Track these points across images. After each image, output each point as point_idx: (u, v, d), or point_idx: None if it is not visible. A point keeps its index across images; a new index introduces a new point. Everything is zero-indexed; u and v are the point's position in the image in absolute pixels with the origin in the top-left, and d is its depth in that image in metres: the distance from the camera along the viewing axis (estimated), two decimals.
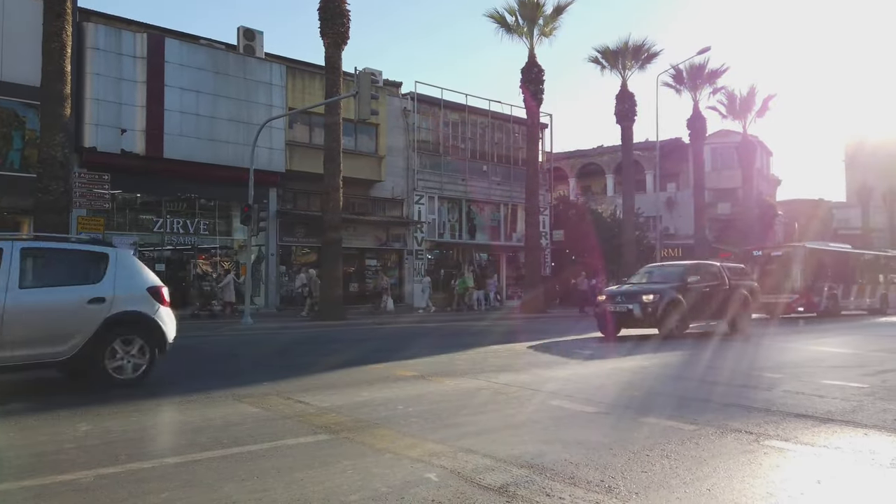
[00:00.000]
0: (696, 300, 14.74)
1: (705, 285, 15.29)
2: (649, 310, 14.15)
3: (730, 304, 15.28)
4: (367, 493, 3.84)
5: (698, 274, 15.51)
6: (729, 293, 15.48)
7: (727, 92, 39.54)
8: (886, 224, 55.05)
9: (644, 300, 14.32)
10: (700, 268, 16.20)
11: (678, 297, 14.48)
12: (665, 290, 14.52)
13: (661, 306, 14.16)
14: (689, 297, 14.58)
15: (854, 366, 10.30)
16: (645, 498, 3.83)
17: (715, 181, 44.26)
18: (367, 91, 17.55)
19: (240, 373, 8.59)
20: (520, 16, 27.45)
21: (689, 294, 14.71)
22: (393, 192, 28.43)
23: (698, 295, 14.91)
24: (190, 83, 21.97)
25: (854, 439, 5.33)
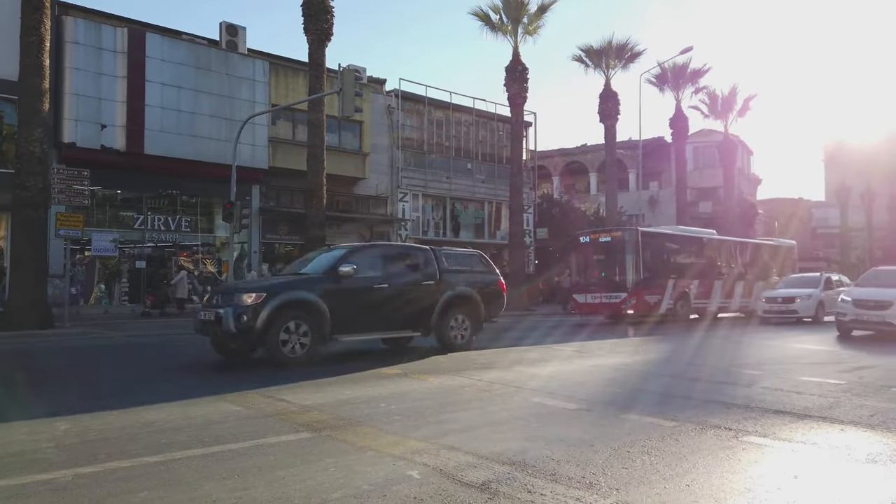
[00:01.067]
0: (356, 303, 9.92)
1: (381, 281, 10.27)
2: (243, 321, 8.87)
3: (431, 309, 10.81)
4: (349, 490, 3.84)
5: (366, 261, 10.26)
6: (434, 292, 10.89)
7: (709, 92, 39.94)
8: (864, 223, 55.86)
9: (240, 303, 9.02)
10: (386, 254, 10.91)
11: (305, 300, 9.40)
12: (274, 289, 9.33)
13: (262, 317, 8.89)
14: (340, 300, 9.65)
15: (831, 362, 10.46)
16: (625, 494, 3.86)
17: (697, 180, 44.69)
18: (350, 88, 17.48)
19: (221, 371, 8.53)
20: (504, 14, 27.48)
21: (340, 295, 9.70)
22: (377, 189, 28.37)
23: (363, 295, 10.01)
24: (171, 79, 21.74)
25: (831, 435, 5.42)
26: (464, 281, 11.40)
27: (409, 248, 11.93)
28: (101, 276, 21.85)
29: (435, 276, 10.99)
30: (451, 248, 13.08)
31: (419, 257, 11.11)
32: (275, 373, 8.60)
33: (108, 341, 13.66)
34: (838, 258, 53.59)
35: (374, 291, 10.09)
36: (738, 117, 41.06)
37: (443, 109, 31.44)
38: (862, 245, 56.26)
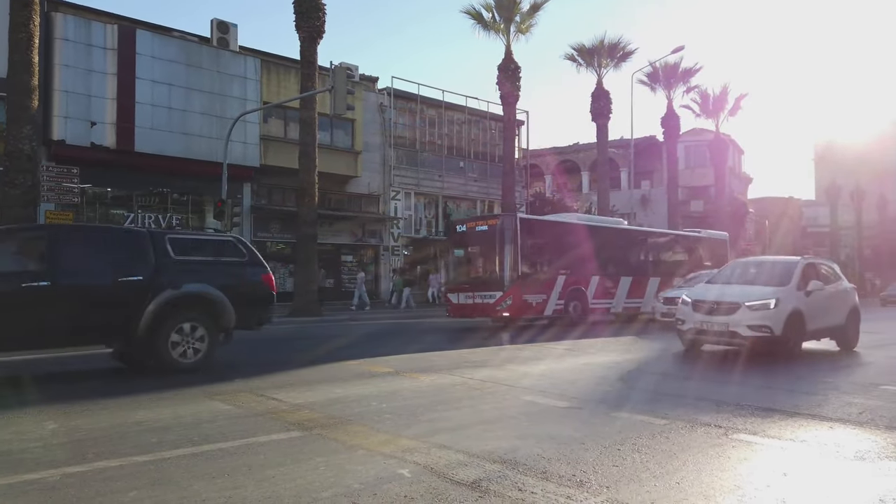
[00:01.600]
0: None
1: (39, 277, 7.44)
2: None
3: (137, 315, 7.93)
4: (339, 489, 3.83)
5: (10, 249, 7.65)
6: (143, 291, 8.04)
7: (700, 91, 40.06)
8: (854, 222, 56.25)
9: None
10: (58, 238, 7.99)
11: None
12: None
13: None
14: None
15: (820, 360, 10.52)
16: (616, 492, 3.87)
17: (688, 179, 44.85)
18: (342, 86, 17.43)
19: (211, 370, 8.49)
20: (496, 12, 27.47)
21: None
22: (369, 187, 28.32)
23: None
24: (162, 76, 21.62)
25: (820, 433, 5.45)
26: (203, 276, 8.50)
27: (105, 231, 9.36)
28: None
29: (148, 269, 8.07)
30: (192, 233, 11.02)
31: (122, 244, 8.28)
32: (267, 372, 8.57)
33: None
34: (828, 257, 53.94)
35: (21, 293, 7.30)
36: (730, 116, 41.24)
37: (435, 108, 31.42)
38: (851, 244, 56.67)
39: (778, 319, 9.88)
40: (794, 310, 10.16)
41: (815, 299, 10.68)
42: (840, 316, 11.48)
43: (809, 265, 11.32)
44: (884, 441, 5.18)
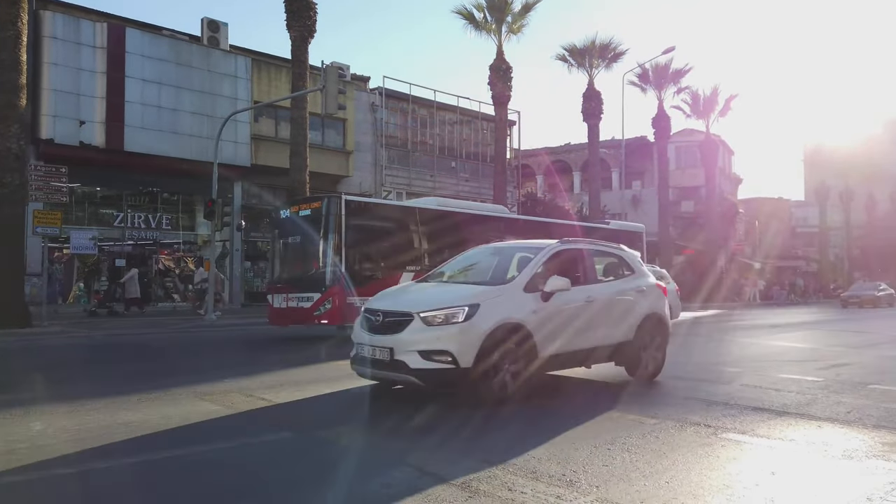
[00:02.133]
0: None
1: None
2: None
3: None
4: (330, 488, 3.81)
5: None
6: None
7: (691, 91, 40.26)
8: (843, 223, 56.68)
9: None
10: None
11: None
12: None
13: None
14: None
15: (810, 360, 10.59)
16: (605, 491, 3.87)
17: (679, 179, 45.04)
18: (333, 85, 17.39)
19: (202, 370, 8.44)
20: (488, 13, 27.50)
21: None
22: (361, 187, 28.26)
23: None
24: (152, 75, 21.50)
25: (808, 432, 5.47)
26: None
27: None
28: (80, 275, 21.55)
29: None
30: None
31: None
32: (256, 373, 8.53)
33: (87, 340, 13.48)
34: (817, 257, 54.33)
35: None
36: (720, 117, 41.48)
37: (427, 107, 31.41)
38: (840, 244, 57.09)
39: (466, 342, 5.99)
40: (505, 324, 6.23)
41: (560, 306, 6.74)
42: (622, 328, 7.52)
43: (565, 252, 7.42)
44: (871, 440, 5.21)
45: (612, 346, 7.48)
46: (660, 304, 8.20)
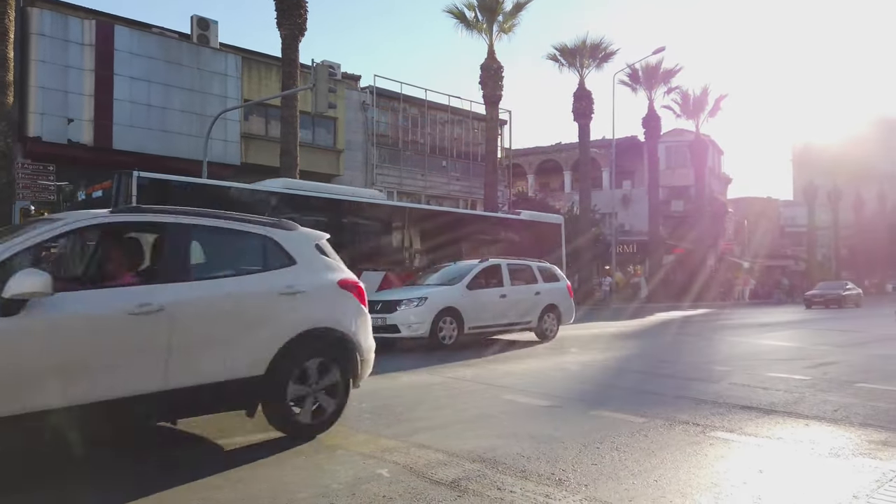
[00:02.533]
0: None
1: None
2: None
3: None
4: (317, 489, 3.80)
5: None
6: None
7: (681, 91, 40.41)
8: (831, 222, 57.11)
9: None
10: None
11: None
12: None
13: None
14: None
15: (798, 358, 10.66)
16: (594, 490, 3.88)
17: (669, 179, 45.20)
18: (324, 84, 17.33)
19: None
20: (479, 12, 27.48)
21: None
22: (351, 186, 28.20)
23: None
24: (141, 72, 21.34)
25: (796, 430, 5.51)
26: None
27: None
28: None
29: None
30: None
31: None
32: None
33: None
34: (805, 256, 54.72)
35: None
36: (710, 117, 41.69)
37: (418, 106, 31.37)
38: (828, 244, 57.53)
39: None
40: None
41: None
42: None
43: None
44: (858, 438, 5.25)
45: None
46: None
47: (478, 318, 11.66)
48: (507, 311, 12.17)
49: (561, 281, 13.56)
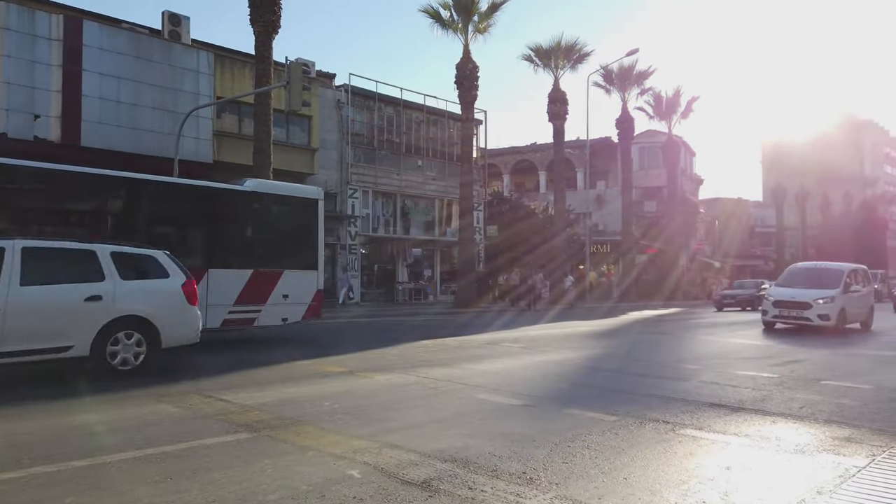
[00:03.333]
0: None
1: None
2: None
3: None
4: (286, 492, 3.76)
5: None
6: None
7: (654, 93, 40.92)
8: (799, 223, 58.26)
9: None
10: None
11: None
12: None
13: None
14: None
15: (766, 357, 10.85)
16: (564, 488, 3.91)
17: (642, 179, 45.74)
18: (298, 81, 17.18)
19: (157, 371, 8.26)
20: (454, 11, 27.47)
21: None
22: (326, 185, 27.99)
23: None
24: (110, 68, 20.94)
25: (762, 427, 5.61)
26: None
27: None
28: None
29: None
30: None
31: None
32: (217, 373, 8.38)
33: None
34: (774, 256, 55.75)
35: None
36: (682, 119, 42.27)
37: (393, 106, 31.28)
38: (796, 244, 58.65)
39: None
40: None
41: None
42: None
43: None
44: (822, 434, 5.36)
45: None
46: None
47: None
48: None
49: (172, 277, 8.60)
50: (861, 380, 8.25)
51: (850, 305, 16.07)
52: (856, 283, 16.78)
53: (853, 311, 16.26)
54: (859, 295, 16.79)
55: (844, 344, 13.22)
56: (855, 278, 16.86)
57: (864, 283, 17.56)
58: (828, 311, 15.35)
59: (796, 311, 15.67)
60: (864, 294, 17.30)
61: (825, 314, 15.32)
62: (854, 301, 16.34)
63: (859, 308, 16.67)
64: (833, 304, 15.41)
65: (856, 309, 16.42)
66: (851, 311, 16.15)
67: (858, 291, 16.82)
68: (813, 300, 15.50)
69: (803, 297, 15.70)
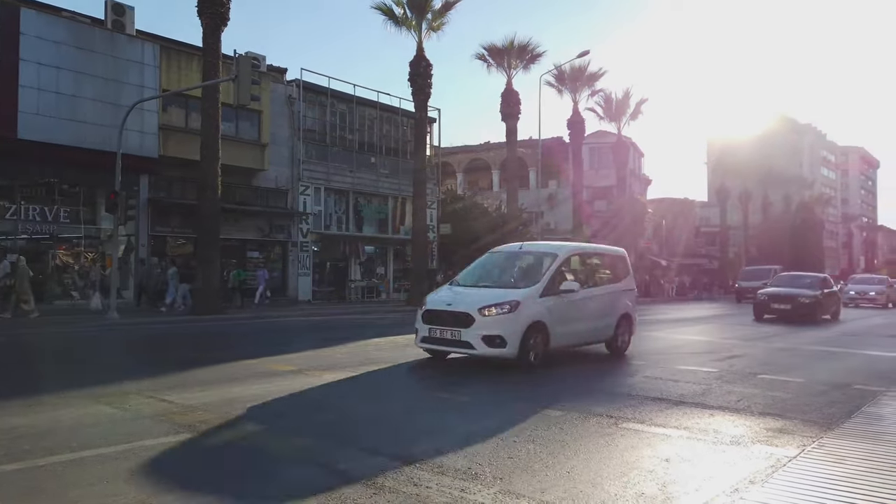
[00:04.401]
0: None
1: None
2: None
3: None
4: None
5: None
6: None
7: (604, 95, 41.56)
8: (741, 222, 60.20)
9: None
10: None
11: None
12: None
13: None
14: None
15: (707, 352, 11.19)
16: (508, 483, 3.95)
17: (593, 179, 46.52)
18: (247, 75, 16.85)
19: (99, 371, 8.00)
20: (408, 8, 27.35)
21: None
22: (277, 181, 27.57)
23: None
24: (49, 59, 20.11)
25: (701, 420, 5.79)
26: None
27: None
28: None
29: None
30: None
31: None
32: (160, 373, 8.16)
33: None
34: (718, 255, 57.50)
35: None
36: (631, 120, 43.06)
37: (346, 102, 30.98)
38: (739, 243, 60.61)
39: None
40: None
41: None
42: None
43: None
44: (757, 426, 5.57)
45: None
46: None
47: None
48: None
49: None
50: (795, 374, 8.59)
51: None
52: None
53: None
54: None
55: (782, 339, 13.73)
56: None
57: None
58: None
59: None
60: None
61: None
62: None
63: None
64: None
65: None
66: None
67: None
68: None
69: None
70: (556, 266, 9.14)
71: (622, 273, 11.00)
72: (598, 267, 10.78)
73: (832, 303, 20.75)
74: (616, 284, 10.63)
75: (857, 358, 10.91)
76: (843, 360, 10.67)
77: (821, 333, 15.63)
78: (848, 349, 12.17)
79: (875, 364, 10.07)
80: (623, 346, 10.45)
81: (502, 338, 8.09)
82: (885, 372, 9.00)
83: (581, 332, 9.59)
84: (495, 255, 10.42)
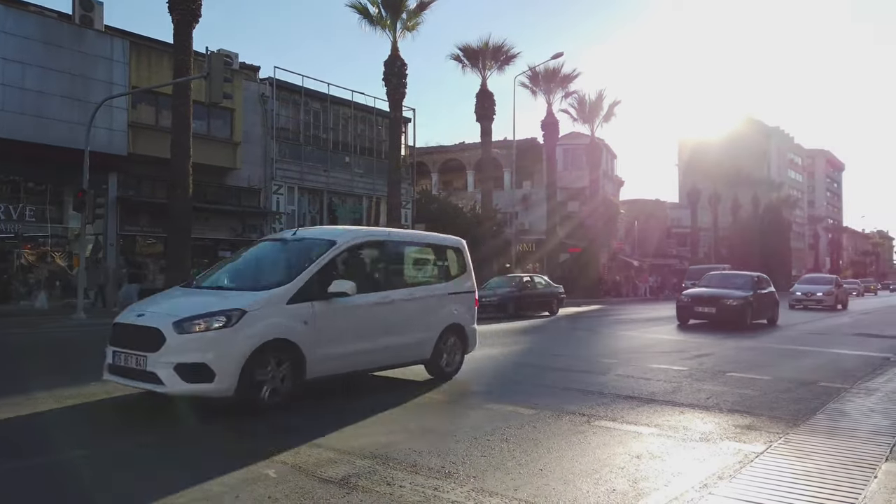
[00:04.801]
0: None
1: None
2: None
3: None
4: (198, 493, 3.66)
5: None
6: None
7: (578, 96, 41.89)
8: (711, 224, 61.20)
9: None
10: None
11: None
12: None
13: None
14: None
15: (677, 351, 11.36)
16: (482, 481, 3.97)
17: (566, 180, 46.83)
18: (219, 73, 16.64)
19: (60, 371, 7.84)
20: (383, 8, 27.30)
21: None
22: (249, 181, 27.28)
23: None
24: (14, 53, 19.65)
25: (672, 417, 5.87)
26: None
27: None
28: None
29: None
30: None
31: None
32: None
33: None
34: (689, 255, 58.38)
35: None
36: (604, 122, 43.46)
37: (320, 101, 30.77)
38: (709, 244, 61.60)
39: None
40: None
41: None
42: None
43: None
44: (726, 423, 5.67)
45: None
46: None
47: None
48: None
49: None
50: (762, 371, 8.76)
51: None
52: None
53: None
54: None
55: (750, 338, 13.98)
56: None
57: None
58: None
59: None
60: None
61: None
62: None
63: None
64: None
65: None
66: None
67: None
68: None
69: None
70: (326, 259, 6.47)
71: (455, 270, 8.34)
72: (415, 261, 8.21)
73: (768, 306, 18.33)
74: (439, 285, 8.01)
75: (823, 356, 11.16)
76: (810, 357, 10.91)
77: (787, 332, 15.89)
78: (816, 347, 12.44)
79: (840, 362, 10.31)
80: (450, 369, 7.80)
81: (207, 367, 5.40)
82: (850, 370, 9.22)
83: (370, 352, 6.75)
84: (263, 245, 7.89)
